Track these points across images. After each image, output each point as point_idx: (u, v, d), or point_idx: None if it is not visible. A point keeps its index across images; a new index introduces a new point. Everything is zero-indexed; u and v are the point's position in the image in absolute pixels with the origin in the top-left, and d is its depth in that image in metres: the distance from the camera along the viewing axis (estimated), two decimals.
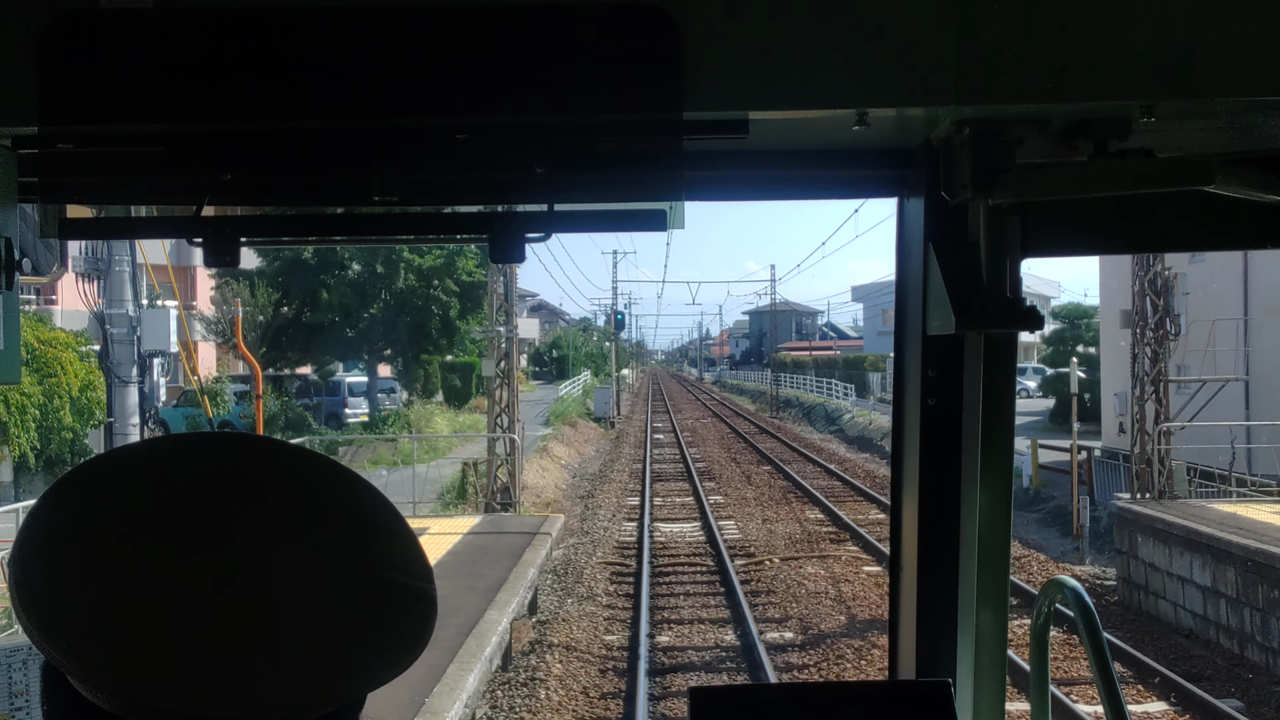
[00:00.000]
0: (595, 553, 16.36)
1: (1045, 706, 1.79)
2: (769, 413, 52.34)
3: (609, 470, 27.38)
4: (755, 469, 26.24)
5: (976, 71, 1.29)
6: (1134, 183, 1.35)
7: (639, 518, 18.78)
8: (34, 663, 1.78)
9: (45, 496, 0.78)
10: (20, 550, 0.73)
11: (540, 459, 26.38)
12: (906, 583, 1.76)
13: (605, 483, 24.36)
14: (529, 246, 1.42)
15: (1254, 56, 1.27)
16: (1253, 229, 1.53)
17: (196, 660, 0.70)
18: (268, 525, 0.79)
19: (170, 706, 0.68)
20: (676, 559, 15.61)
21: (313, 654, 0.73)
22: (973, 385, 1.61)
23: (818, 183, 1.69)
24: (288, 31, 1.26)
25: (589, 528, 18.54)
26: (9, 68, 1.26)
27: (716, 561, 15.26)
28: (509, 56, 1.27)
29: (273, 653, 0.72)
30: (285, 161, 1.46)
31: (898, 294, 1.74)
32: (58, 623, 0.70)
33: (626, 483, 24.22)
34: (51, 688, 0.76)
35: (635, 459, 29.94)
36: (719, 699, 1.70)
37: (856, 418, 38.39)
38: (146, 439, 1.18)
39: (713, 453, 31.29)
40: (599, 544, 16.89)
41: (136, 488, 0.80)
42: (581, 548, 16.76)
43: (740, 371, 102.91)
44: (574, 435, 35.22)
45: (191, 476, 0.81)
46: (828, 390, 50.65)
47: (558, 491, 22.95)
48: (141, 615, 0.71)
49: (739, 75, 1.30)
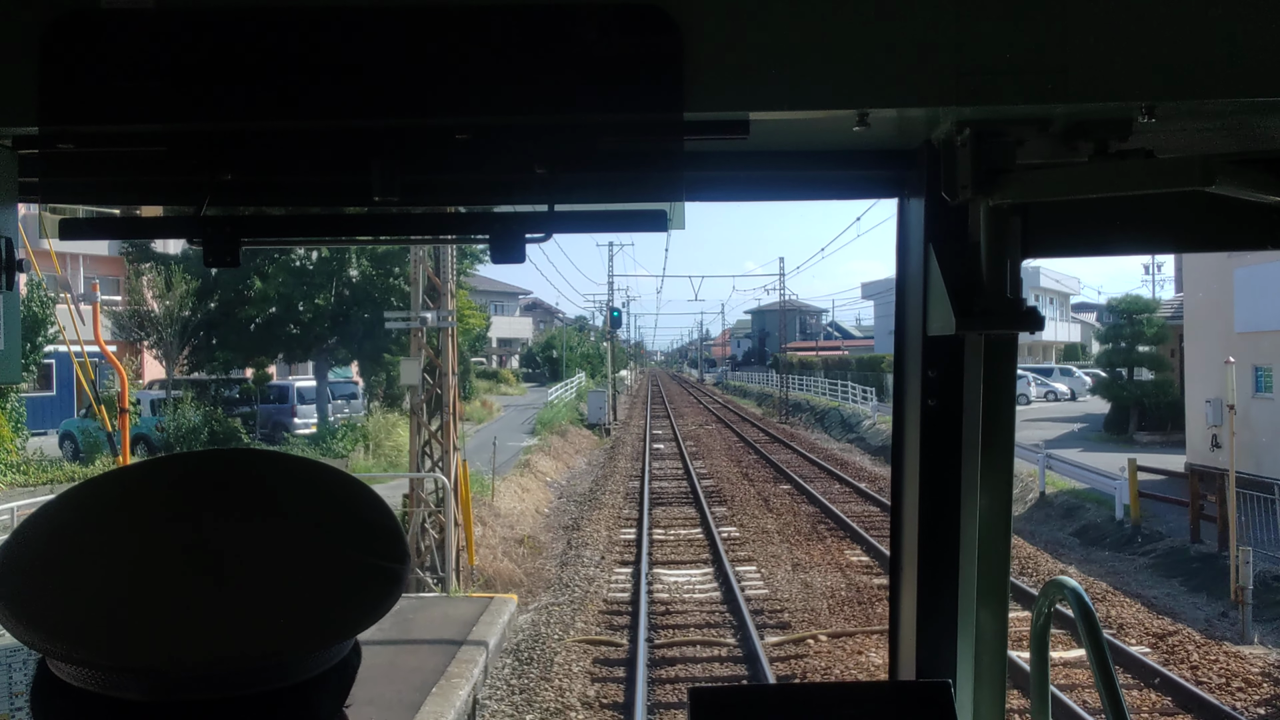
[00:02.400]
0: (574, 620, 12.72)
1: (1045, 707, 1.85)
2: (777, 417, 48.85)
3: (601, 490, 25.14)
4: (772, 488, 24.06)
5: (977, 72, 1.36)
6: (1134, 184, 1.40)
7: (634, 560, 15.85)
8: (34, 663, 1.70)
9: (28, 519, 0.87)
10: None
11: (521, 476, 24.37)
12: (907, 583, 1.84)
13: (595, 507, 22.06)
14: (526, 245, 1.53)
15: (1254, 57, 1.34)
16: (1253, 230, 1.61)
17: (139, 615, 0.76)
18: (238, 505, 0.86)
19: (110, 661, 0.75)
20: (685, 632, 12.01)
21: (257, 610, 0.78)
22: (973, 386, 1.69)
23: (818, 183, 1.77)
24: (288, 32, 1.33)
25: (569, 577, 15.21)
26: (10, 67, 1.33)
27: (740, 638, 11.74)
28: (509, 57, 1.34)
29: (216, 606, 0.77)
30: (286, 162, 1.54)
31: (898, 294, 1.83)
32: (14, 594, 0.78)
33: (620, 507, 21.84)
34: (37, 682, 0.83)
35: (632, 474, 27.85)
36: (719, 699, 1.75)
37: (878, 424, 34.74)
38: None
39: (721, 467, 29.20)
40: (580, 606, 13.49)
41: (113, 488, 0.89)
42: (556, 611, 13.18)
43: (742, 372, 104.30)
44: (563, 446, 31.80)
45: (177, 476, 0.91)
46: (841, 393, 49.33)
47: (537, 520, 20.53)
48: (98, 578, 0.78)
49: (740, 76, 1.36)
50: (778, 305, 60.69)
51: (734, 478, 26.14)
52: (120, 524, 0.83)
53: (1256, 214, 1.52)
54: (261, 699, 0.80)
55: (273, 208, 1.72)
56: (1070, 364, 58.24)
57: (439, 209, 1.62)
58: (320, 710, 0.85)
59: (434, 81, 1.32)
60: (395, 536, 0.89)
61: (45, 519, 0.85)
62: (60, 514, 0.85)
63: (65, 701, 0.79)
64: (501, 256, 1.45)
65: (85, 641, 0.74)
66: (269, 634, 0.77)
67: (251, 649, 0.76)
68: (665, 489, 23.97)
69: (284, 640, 0.77)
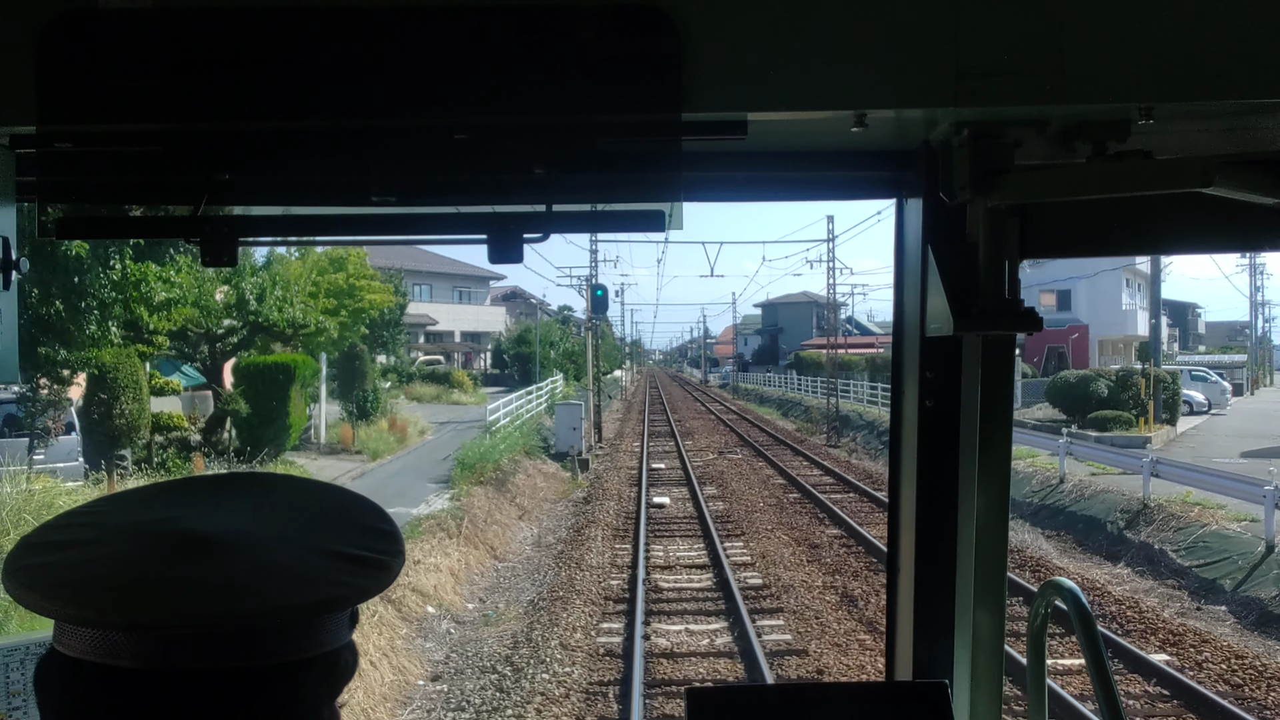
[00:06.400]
0: None
1: (1042, 707, 1.83)
2: (823, 436, 34.69)
3: (545, 636, 11.65)
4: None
5: (975, 73, 1.35)
6: (1132, 185, 1.39)
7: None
8: (31, 662, 1.82)
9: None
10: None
11: (365, 610, 9.44)
12: (904, 584, 1.84)
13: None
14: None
15: (1252, 59, 1.34)
16: (1251, 231, 1.60)
17: (133, 579, 0.80)
18: (238, 500, 0.93)
19: (100, 616, 0.79)
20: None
21: (248, 577, 0.81)
22: (970, 387, 1.69)
23: (816, 184, 1.77)
24: (286, 31, 1.33)
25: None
26: (7, 67, 1.33)
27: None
28: (507, 56, 1.33)
29: (208, 573, 0.81)
30: (283, 161, 1.53)
31: (896, 295, 1.83)
32: (20, 567, 0.83)
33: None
34: (42, 662, 0.87)
35: (615, 567, 14.91)
36: (716, 699, 1.74)
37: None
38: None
39: (777, 549, 16.11)
40: None
41: (125, 494, 0.96)
42: None
43: (753, 374, 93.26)
44: (495, 507, 18.31)
45: (183, 484, 0.98)
46: (884, 400, 33.81)
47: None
48: (97, 552, 0.83)
49: (738, 76, 1.36)
50: (795, 297, 48.28)
51: (812, 584, 13.23)
52: (125, 512, 0.91)
53: (1255, 215, 1.50)
54: (250, 674, 0.82)
55: (270, 207, 1.70)
56: (1192, 362, 45.19)
57: (436, 208, 1.60)
58: (307, 694, 0.86)
59: (432, 81, 1.33)
60: (390, 535, 0.93)
61: (62, 515, 0.92)
62: (74, 511, 0.92)
63: (65, 673, 0.83)
64: (499, 256, 1.45)
65: (78, 600, 0.79)
66: (258, 598, 0.80)
67: (239, 608, 0.79)
68: (687, 642, 11.01)
69: (271, 604, 0.80)
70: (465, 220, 1.52)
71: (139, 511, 0.89)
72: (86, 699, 0.81)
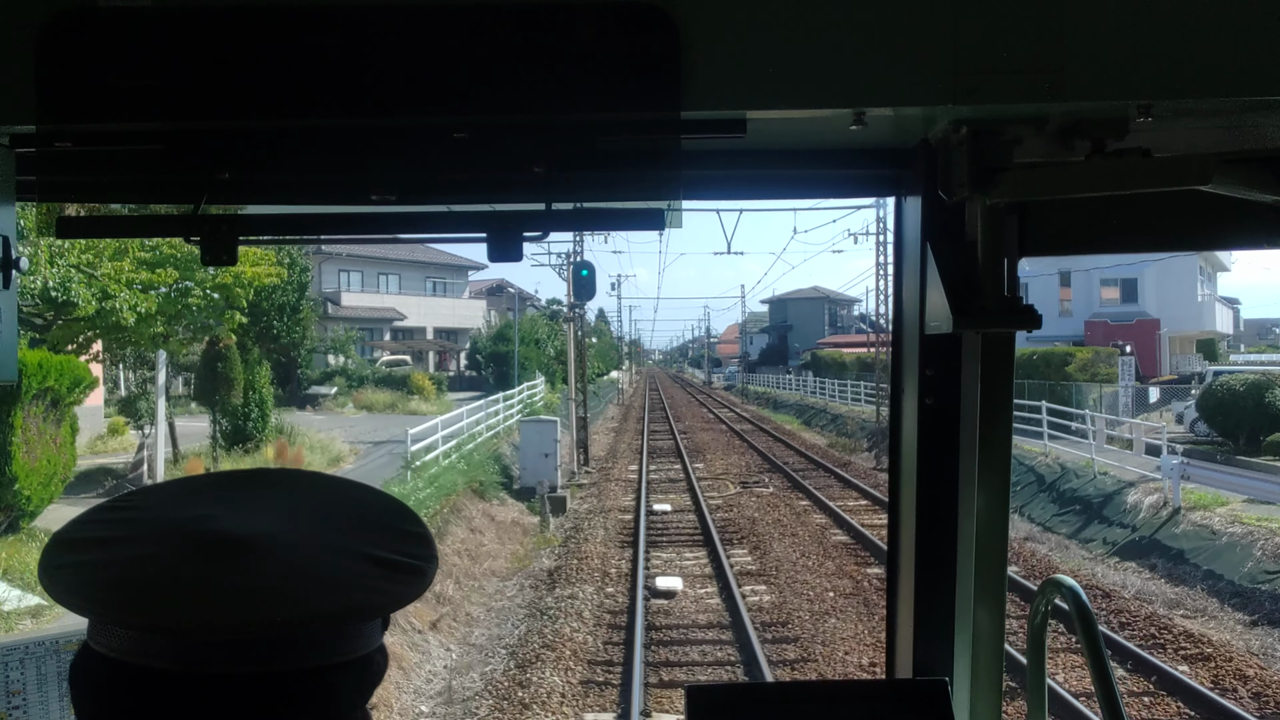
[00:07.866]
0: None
1: (1042, 705, 1.84)
2: (866, 454, 27.61)
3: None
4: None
5: (974, 71, 1.35)
6: (1131, 182, 1.40)
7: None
8: (31, 661, 1.80)
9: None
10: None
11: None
12: (904, 582, 1.84)
13: None
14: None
15: (1251, 56, 1.34)
16: (1250, 229, 1.61)
17: (168, 581, 0.80)
18: (274, 502, 0.92)
19: (136, 619, 0.79)
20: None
21: (283, 583, 0.81)
22: (970, 384, 1.70)
23: (815, 182, 1.78)
24: (286, 30, 1.33)
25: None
26: (6, 66, 1.33)
27: None
28: (507, 55, 1.34)
29: (244, 577, 0.81)
30: (283, 160, 1.53)
31: (895, 293, 1.83)
32: (57, 566, 0.83)
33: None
34: (77, 659, 0.87)
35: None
36: (716, 697, 1.73)
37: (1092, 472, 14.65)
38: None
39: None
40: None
41: (157, 490, 0.97)
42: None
43: (761, 374, 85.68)
44: None
45: (215, 482, 0.97)
46: None
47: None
48: (133, 553, 0.83)
49: (737, 74, 1.36)
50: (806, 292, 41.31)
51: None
52: (157, 509, 0.91)
53: (1254, 213, 1.50)
54: (284, 678, 0.82)
55: (270, 206, 1.70)
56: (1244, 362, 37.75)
57: (436, 207, 1.61)
58: (341, 700, 0.86)
59: (431, 80, 1.33)
60: (423, 539, 0.93)
61: (93, 509, 0.91)
62: (105, 506, 0.92)
63: (100, 672, 0.83)
64: (499, 255, 1.45)
65: (112, 602, 0.79)
66: (293, 604, 0.80)
67: (275, 615, 0.79)
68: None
69: (307, 610, 0.80)
70: (464, 219, 1.51)
71: (171, 509, 0.90)
72: (120, 698, 0.82)
